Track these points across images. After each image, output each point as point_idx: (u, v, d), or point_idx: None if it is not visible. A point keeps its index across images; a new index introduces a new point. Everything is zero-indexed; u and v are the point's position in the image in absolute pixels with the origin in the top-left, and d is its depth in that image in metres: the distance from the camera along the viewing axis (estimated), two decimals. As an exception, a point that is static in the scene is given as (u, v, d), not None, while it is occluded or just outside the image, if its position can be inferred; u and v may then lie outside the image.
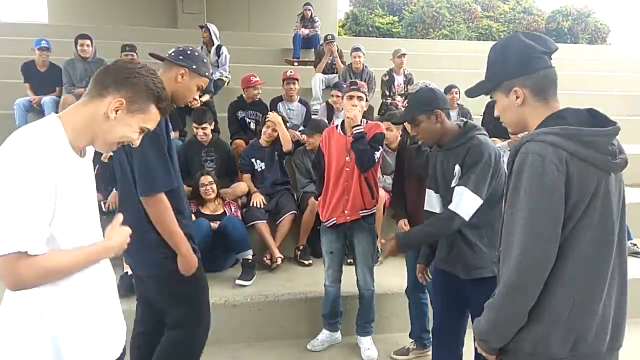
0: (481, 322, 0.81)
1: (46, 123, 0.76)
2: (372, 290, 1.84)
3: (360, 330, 1.90)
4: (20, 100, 3.36)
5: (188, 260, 1.20)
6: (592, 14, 12.20)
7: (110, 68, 0.81)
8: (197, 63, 1.25)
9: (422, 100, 1.32)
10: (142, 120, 0.82)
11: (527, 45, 0.79)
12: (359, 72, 3.89)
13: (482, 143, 1.26)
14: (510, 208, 0.76)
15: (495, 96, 0.84)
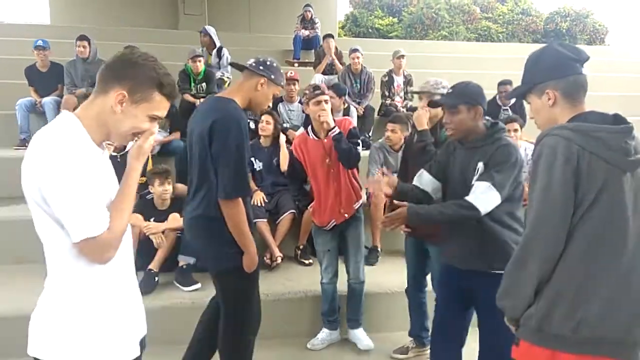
0: (498, 291, 0.91)
1: (65, 120, 0.79)
2: (362, 282, 1.86)
3: (353, 324, 1.92)
4: (22, 101, 3.37)
5: (253, 259, 1.35)
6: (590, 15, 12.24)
7: (109, 63, 0.82)
8: (275, 73, 1.36)
9: (470, 92, 1.32)
10: (148, 109, 0.81)
11: (559, 52, 0.90)
12: (357, 73, 3.90)
13: (510, 144, 1.28)
14: (530, 193, 0.87)
15: (530, 99, 0.95)
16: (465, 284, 1.33)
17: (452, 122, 1.31)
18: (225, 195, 1.25)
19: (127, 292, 0.87)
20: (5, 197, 2.80)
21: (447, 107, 1.32)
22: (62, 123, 0.79)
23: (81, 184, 0.74)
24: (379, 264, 2.42)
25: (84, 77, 3.51)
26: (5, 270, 2.29)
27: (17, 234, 2.40)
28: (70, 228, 0.75)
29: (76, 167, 0.74)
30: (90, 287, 0.81)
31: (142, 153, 0.85)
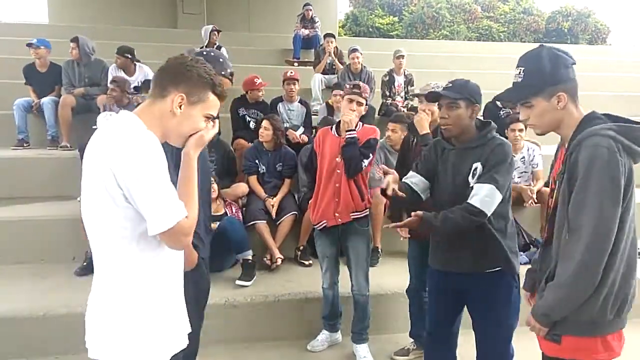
0: (548, 299, 0.91)
1: (132, 119, 0.84)
2: (366, 296, 1.81)
3: (356, 338, 1.87)
4: (20, 101, 3.36)
5: (188, 255, 1.21)
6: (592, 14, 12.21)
7: (163, 69, 0.88)
8: (213, 63, 1.23)
9: (471, 89, 1.30)
10: (204, 109, 0.88)
11: (561, 55, 0.94)
12: (357, 72, 3.89)
13: (505, 143, 1.28)
14: (579, 194, 0.87)
15: (534, 101, 0.94)
16: (459, 287, 1.32)
17: (450, 117, 1.27)
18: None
19: (178, 284, 0.91)
20: (5, 197, 2.80)
21: (447, 100, 1.28)
22: (130, 120, 0.83)
23: (161, 175, 0.79)
24: (379, 265, 2.41)
25: (81, 77, 3.50)
26: (5, 271, 2.28)
27: (17, 234, 2.40)
28: (154, 218, 0.78)
29: (156, 160, 0.79)
30: (154, 279, 0.84)
31: (201, 144, 0.90)
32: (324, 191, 1.78)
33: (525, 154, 2.82)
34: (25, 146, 3.32)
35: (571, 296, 0.89)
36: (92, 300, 0.85)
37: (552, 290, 0.91)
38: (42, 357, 1.81)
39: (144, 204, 0.77)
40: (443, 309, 1.39)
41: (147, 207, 0.77)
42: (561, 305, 0.90)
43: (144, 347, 0.83)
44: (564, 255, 0.89)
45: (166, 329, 0.86)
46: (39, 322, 1.83)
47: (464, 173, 1.27)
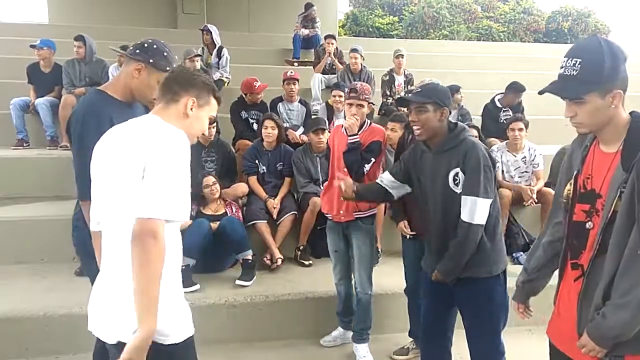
0: (620, 319, 0.82)
1: (160, 119, 0.91)
2: (369, 295, 1.81)
3: (357, 337, 1.87)
4: (16, 101, 3.34)
5: None
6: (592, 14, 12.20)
7: (172, 77, 0.97)
8: (155, 57, 1.16)
9: (438, 92, 1.32)
10: (209, 111, 0.99)
11: (620, 49, 0.85)
12: (357, 72, 3.89)
13: (475, 145, 1.28)
14: None
15: (588, 97, 0.85)
16: (448, 290, 1.34)
17: (419, 121, 1.30)
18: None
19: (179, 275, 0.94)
20: (5, 197, 2.80)
21: (415, 105, 1.31)
22: (161, 120, 0.91)
23: (179, 172, 0.84)
24: (379, 265, 2.41)
25: (82, 77, 3.49)
26: (5, 271, 2.28)
27: (17, 233, 2.40)
28: (147, 202, 0.80)
29: (184, 156, 0.85)
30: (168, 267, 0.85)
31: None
32: (332, 187, 1.80)
33: (527, 154, 2.82)
34: (25, 146, 3.32)
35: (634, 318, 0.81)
36: (107, 287, 0.86)
37: (622, 308, 0.82)
38: (42, 357, 1.81)
39: (149, 186, 0.81)
40: (435, 310, 1.41)
41: (149, 190, 0.81)
42: (634, 324, 0.82)
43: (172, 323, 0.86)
44: (632, 270, 0.81)
45: (183, 307, 0.91)
46: (39, 322, 1.83)
47: (442, 177, 1.29)
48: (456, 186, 1.26)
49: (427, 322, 1.44)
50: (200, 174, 2.36)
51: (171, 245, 0.85)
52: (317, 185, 2.60)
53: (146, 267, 0.79)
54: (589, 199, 0.91)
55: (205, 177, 2.34)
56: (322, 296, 2.05)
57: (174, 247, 0.89)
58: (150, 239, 0.79)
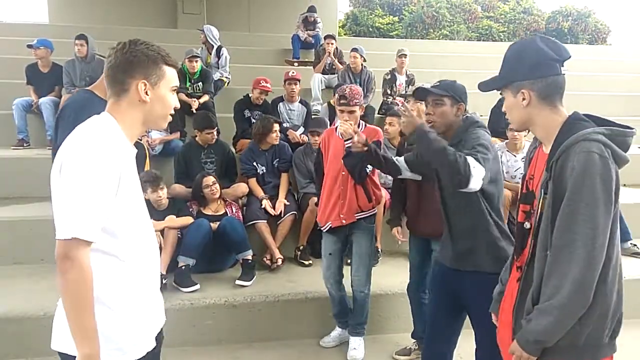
0: (543, 324, 0.80)
1: (105, 120, 0.82)
2: (365, 293, 1.83)
3: (352, 331, 1.90)
4: (19, 101, 3.35)
5: None
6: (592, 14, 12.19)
7: (111, 66, 0.83)
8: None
9: (457, 88, 1.34)
10: (167, 84, 0.85)
11: (542, 51, 0.85)
12: (357, 72, 3.89)
13: (479, 135, 1.27)
14: (570, 205, 0.77)
15: (504, 93, 0.90)
16: (457, 286, 1.32)
17: (435, 114, 1.31)
18: None
19: (147, 286, 0.87)
20: (5, 197, 2.80)
21: (433, 97, 1.32)
22: (102, 123, 0.80)
23: (94, 185, 0.72)
24: (379, 265, 2.41)
25: (82, 77, 3.49)
26: (5, 271, 2.28)
27: (17, 234, 2.40)
28: (58, 222, 0.71)
29: (100, 167, 0.74)
30: (113, 280, 0.80)
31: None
32: (330, 192, 1.79)
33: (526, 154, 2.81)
34: (25, 146, 3.32)
35: (567, 318, 0.78)
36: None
37: (544, 313, 0.79)
38: (41, 357, 1.81)
39: (57, 204, 0.72)
40: (440, 306, 1.39)
41: (58, 208, 0.72)
42: (556, 329, 0.79)
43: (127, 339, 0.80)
44: (554, 273, 0.79)
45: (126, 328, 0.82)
46: (38, 322, 1.83)
47: None
48: None
49: (433, 322, 1.42)
50: (200, 174, 2.37)
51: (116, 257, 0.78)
52: (317, 185, 2.60)
53: (66, 294, 0.72)
54: (528, 199, 0.92)
55: (205, 177, 2.33)
56: (322, 296, 2.04)
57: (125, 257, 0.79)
58: (64, 262, 0.70)
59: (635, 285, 2.12)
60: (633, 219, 2.60)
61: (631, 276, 2.23)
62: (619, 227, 0.81)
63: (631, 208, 2.72)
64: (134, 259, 0.82)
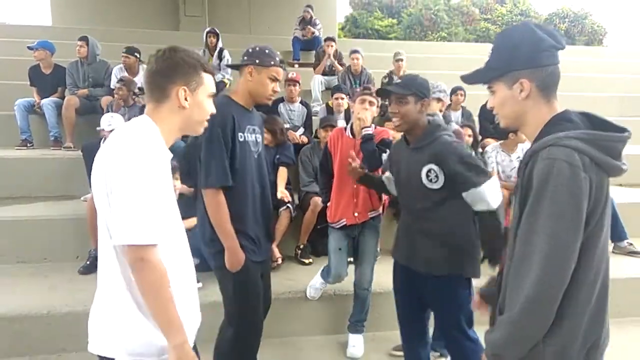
0: (496, 337, 0.74)
1: (147, 124, 0.84)
2: (368, 291, 1.86)
3: (352, 328, 1.92)
4: (21, 101, 3.36)
5: (232, 256, 1.26)
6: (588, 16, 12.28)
7: (152, 72, 0.86)
8: (260, 57, 1.29)
9: (420, 84, 1.31)
10: (205, 91, 0.88)
11: (540, 37, 0.74)
12: (357, 74, 3.92)
13: (449, 142, 1.27)
14: (531, 215, 0.69)
15: (495, 86, 0.78)
16: (417, 286, 1.35)
17: (399, 113, 1.29)
18: (202, 184, 1.24)
19: (186, 287, 0.89)
20: (9, 197, 2.81)
21: (396, 96, 1.30)
22: (145, 128, 0.83)
23: (147, 188, 0.75)
24: (378, 264, 2.43)
25: (85, 78, 3.52)
26: (9, 270, 2.29)
27: (21, 233, 2.41)
28: (118, 228, 0.74)
29: (149, 171, 0.77)
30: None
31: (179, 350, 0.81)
32: (342, 192, 1.81)
33: (520, 154, 2.84)
34: (28, 146, 3.33)
35: (520, 335, 0.70)
36: (98, 298, 0.85)
37: (502, 326, 0.72)
38: (45, 355, 1.83)
39: (115, 210, 0.74)
40: (410, 308, 1.42)
41: (116, 214, 0.74)
42: (510, 345, 0.72)
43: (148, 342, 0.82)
44: (513, 285, 0.71)
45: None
46: (42, 320, 1.84)
47: (417, 174, 1.29)
48: (430, 182, 1.26)
49: (403, 321, 1.45)
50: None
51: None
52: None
53: (148, 295, 0.76)
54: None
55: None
56: (322, 294, 2.06)
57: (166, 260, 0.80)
58: (139, 266, 0.75)
59: (634, 284, 2.10)
60: (631, 218, 2.60)
61: (629, 275, 2.22)
62: (616, 226, 0.73)
63: (630, 207, 2.73)
64: (173, 261, 0.83)
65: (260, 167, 1.36)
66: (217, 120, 1.20)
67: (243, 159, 1.28)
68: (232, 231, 1.25)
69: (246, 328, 1.33)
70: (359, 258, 1.87)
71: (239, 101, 1.34)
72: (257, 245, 1.32)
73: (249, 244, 1.30)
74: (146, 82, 0.87)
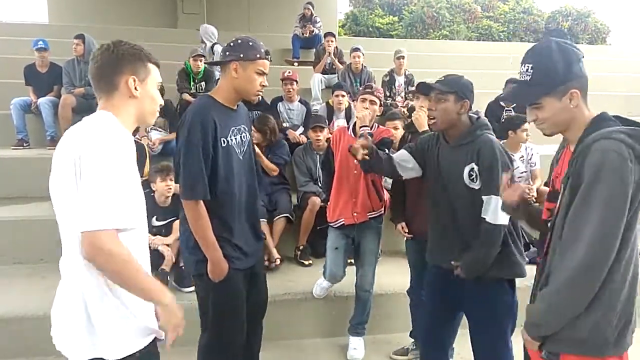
0: (539, 307, 0.84)
1: (106, 116, 0.84)
2: (369, 292, 1.84)
3: (353, 331, 1.90)
4: (16, 101, 3.34)
5: (215, 267, 1.21)
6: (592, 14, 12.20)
7: (98, 66, 0.86)
8: (243, 50, 1.19)
9: (462, 84, 1.29)
10: (153, 81, 0.89)
11: (573, 50, 0.86)
12: (358, 72, 3.89)
13: (492, 142, 1.25)
14: (581, 203, 0.79)
15: (544, 102, 0.86)
16: (455, 290, 1.31)
17: (437, 110, 1.27)
18: (181, 196, 1.19)
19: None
20: (5, 197, 2.79)
21: (436, 92, 1.29)
22: (105, 117, 0.83)
23: (117, 176, 0.75)
24: (380, 265, 2.41)
25: (82, 76, 3.49)
26: (5, 271, 2.28)
27: (17, 233, 2.40)
28: (84, 214, 0.74)
29: (121, 159, 0.77)
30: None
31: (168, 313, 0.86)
32: (341, 191, 1.79)
33: (524, 154, 2.82)
34: (25, 146, 3.32)
35: (561, 307, 0.81)
36: (63, 295, 0.84)
37: (542, 298, 0.84)
38: (42, 357, 1.81)
39: (83, 196, 0.74)
40: (438, 314, 1.38)
41: (84, 201, 0.74)
42: (553, 315, 0.82)
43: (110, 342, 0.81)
44: (558, 266, 0.82)
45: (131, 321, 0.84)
46: (38, 322, 1.83)
47: (456, 172, 1.27)
48: (472, 182, 1.24)
49: (429, 326, 1.41)
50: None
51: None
52: (316, 184, 2.60)
53: (114, 280, 0.77)
54: (555, 197, 0.92)
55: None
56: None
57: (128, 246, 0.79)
58: (100, 254, 0.73)
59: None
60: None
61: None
62: None
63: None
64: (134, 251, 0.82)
65: (247, 166, 1.29)
66: (197, 126, 1.14)
67: (228, 165, 1.20)
68: (214, 242, 1.19)
69: (221, 338, 1.27)
70: (360, 259, 1.85)
71: (223, 101, 1.23)
72: (243, 252, 1.26)
73: (234, 252, 1.24)
74: (94, 77, 0.86)
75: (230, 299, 1.27)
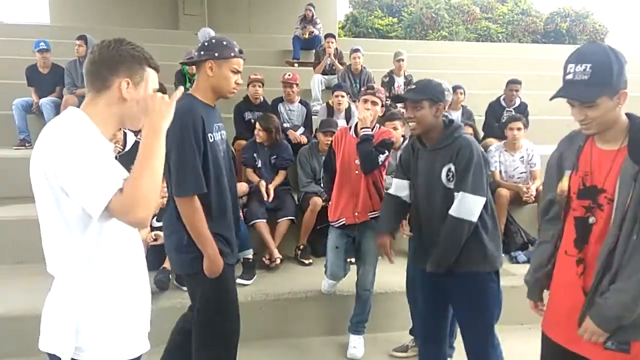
0: (620, 300, 0.86)
1: (74, 114, 0.80)
2: (370, 292, 1.85)
3: (353, 329, 1.91)
4: (18, 101, 3.36)
5: (212, 263, 1.21)
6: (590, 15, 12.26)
7: (95, 61, 0.83)
8: (218, 50, 1.22)
9: (433, 89, 1.33)
10: (148, 86, 0.86)
11: (622, 54, 0.91)
12: (357, 73, 3.91)
13: (469, 142, 1.29)
14: None
15: (599, 100, 0.90)
16: (444, 286, 1.34)
17: (415, 117, 1.31)
18: (175, 193, 1.19)
19: (138, 289, 0.87)
20: (6, 196, 2.81)
21: (411, 102, 1.33)
22: (71, 116, 0.80)
23: (90, 159, 0.74)
24: (380, 265, 2.42)
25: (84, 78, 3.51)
26: (7, 270, 2.28)
27: (18, 233, 2.40)
28: (86, 201, 0.73)
29: (89, 148, 0.75)
30: (104, 283, 0.82)
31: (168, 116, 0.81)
32: (342, 191, 1.81)
33: (524, 154, 2.83)
34: (27, 146, 3.32)
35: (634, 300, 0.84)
36: (52, 297, 0.84)
37: (621, 291, 0.86)
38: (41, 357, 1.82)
39: (74, 189, 0.73)
40: (431, 311, 1.41)
41: (77, 192, 0.72)
42: (633, 306, 0.85)
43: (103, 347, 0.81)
44: (636, 257, 0.85)
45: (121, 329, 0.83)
46: (39, 322, 1.83)
47: (435, 175, 1.30)
48: (448, 181, 1.28)
49: (424, 324, 1.45)
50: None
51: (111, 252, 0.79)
52: (318, 184, 2.61)
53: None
54: (590, 194, 0.93)
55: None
56: (322, 295, 2.06)
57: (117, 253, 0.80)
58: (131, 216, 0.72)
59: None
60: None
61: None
62: None
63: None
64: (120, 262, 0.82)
65: (228, 161, 1.32)
66: (188, 122, 1.16)
67: (216, 160, 1.23)
68: (211, 237, 1.20)
69: (228, 338, 1.29)
70: (360, 259, 1.86)
71: (202, 99, 1.25)
72: (231, 247, 1.28)
73: (225, 247, 1.25)
74: (88, 71, 0.83)
75: (229, 294, 1.29)
